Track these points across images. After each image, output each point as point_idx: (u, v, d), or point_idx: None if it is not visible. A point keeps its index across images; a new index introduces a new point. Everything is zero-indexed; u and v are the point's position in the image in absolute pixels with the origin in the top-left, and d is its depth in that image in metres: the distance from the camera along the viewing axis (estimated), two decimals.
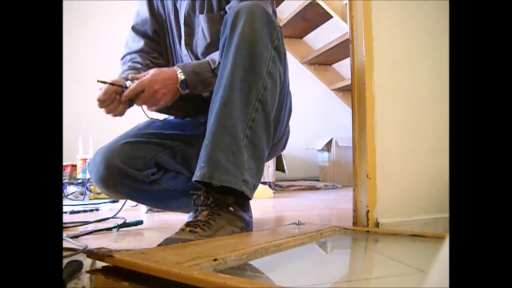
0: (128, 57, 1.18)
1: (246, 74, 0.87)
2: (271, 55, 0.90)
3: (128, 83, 0.97)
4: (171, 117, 1.20)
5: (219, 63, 0.95)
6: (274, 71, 0.90)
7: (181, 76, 0.96)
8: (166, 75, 0.96)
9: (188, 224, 0.82)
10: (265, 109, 0.89)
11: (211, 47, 1.08)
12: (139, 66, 1.13)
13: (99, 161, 1.03)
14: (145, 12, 1.19)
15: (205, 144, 0.86)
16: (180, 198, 1.10)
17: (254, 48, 0.87)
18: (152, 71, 0.97)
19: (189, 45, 1.11)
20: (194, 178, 0.85)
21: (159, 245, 0.77)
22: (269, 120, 0.91)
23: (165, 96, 0.97)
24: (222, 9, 1.08)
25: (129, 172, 1.03)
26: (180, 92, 0.98)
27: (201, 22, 1.08)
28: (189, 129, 1.14)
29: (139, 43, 1.18)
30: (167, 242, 0.76)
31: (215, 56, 1.02)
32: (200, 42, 1.10)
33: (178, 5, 1.13)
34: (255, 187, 0.90)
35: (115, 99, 0.97)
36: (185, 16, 1.10)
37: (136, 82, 0.96)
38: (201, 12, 1.09)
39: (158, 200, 1.16)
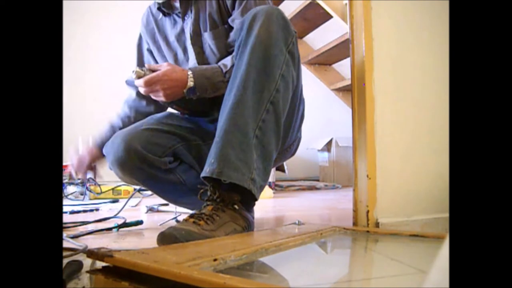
0: (124, 105, 1.31)
1: (259, 75, 0.88)
2: (285, 58, 0.91)
3: (136, 70, 1.00)
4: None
5: (231, 67, 0.96)
6: (287, 75, 0.91)
7: (191, 83, 1.00)
8: (175, 77, 0.99)
9: (192, 216, 0.82)
10: (276, 111, 0.90)
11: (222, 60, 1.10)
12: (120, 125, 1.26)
13: (119, 143, 1.04)
14: (134, 65, 1.27)
15: (216, 141, 0.87)
16: (189, 194, 1.11)
17: (269, 50, 0.88)
18: (163, 70, 0.99)
19: (200, 64, 1.12)
20: (203, 174, 0.86)
21: (162, 232, 0.77)
22: (280, 122, 0.92)
23: (167, 96, 1.01)
24: (225, 23, 1.10)
25: (148, 157, 1.04)
26: (186, 96, 1.02)
27: (207, 39, 1.10)
28: (206, 126, 1.15)
29: (131, 95, 1.29)
30: (170, 230, 0.77)
31: (226, 61, 1.04)
32: (211, 58, 1.12)
33: (185, 32, 1.14)
34: (261, 188, 0.90)
35: None
36: (191, 36, 1.12)
37: (147, 73, 1.01)
38: (205, 30, 1.10)
39: (168, 192, 1.16)
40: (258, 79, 0.88)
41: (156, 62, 1.23)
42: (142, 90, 1.01)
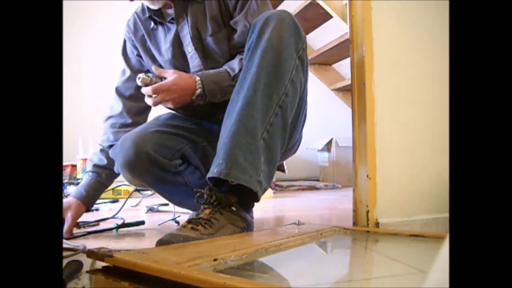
0: (109, 121, 1.21)
1: (269, 78, 0.88)
2: (295, 63, 0.91)
3: (142, 76, 0.99)
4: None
5: (239, 70, 0.96)
6: (296, 80, 0.92)
7: (198, 90, 0.99)
8: (184, 85, 0.98)
9: (189, 221, 0.82)
10: (284, 115, 0.90)
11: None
12: (104, 162, 1.15)
13: (129, 146, 1.02)
14: (127, 71, 1.21)
15: (224, 142, 0.86)
16: (194, 196, 1.11)
17: (280, 55, 0.89)
18: (172, 79, 0.98)
19: (206, 68, 1.11)
20: (209, 175, 0.85)
21: (160, 240, 0.77)
22: (287, 126, 0.92)
23: (176, 104, 1.01)
24: (226, 26, 1.09)
25: (159, 160, 1.03)
26: (194, 102, 1.01)
27: (210, 44, 1.09)
28: (210, 127, 1.15)
29: (119, 106, 1.20)
30: (168, 237, 0.77)
31: (233, 64, 1.03)
32: (216, 62, 1.11)
33: (181, 35, 1.12)
34: (265, 191, 0.90)
35: None
36: (192, 41, 1.10)
37: (154, 79, 0.99)
38: (207, 35, 1.09)
39: (175, 194, 1.16)
40: (268, 82, 0.88)
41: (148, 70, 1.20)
42: (149, 100, 0.99)
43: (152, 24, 1.15)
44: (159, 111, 1.21)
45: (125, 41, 1.22)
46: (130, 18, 1.21)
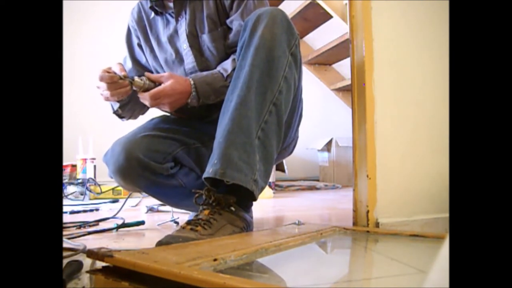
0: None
1: (263, 76, 0.88)
2: (288, 60, 0.91)
3: (136, 80, 0.99)
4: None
5: (232, 71, 0.97)
6: (289, 77, 0.92)
7: (193, 93, 1.01)
8: (180, 89, 1.00)
9: (189, 222, 0.82)
10: (279, 113, 0.90)
11: (222, 62, 1.09)
12: None
13: (119, 152, 1.03)
14: (128, 61, 1.23)
15: (219, 141, 0.86)
16: (190, 197, 1.11)
17: (273, 52, 0.88)
18: (169, 84, 0.99)
19: (200, 66, 1.11)
20: (205, 175, 0.86)
21: (159, 241, 0.77)
22: (281, 124, 0.92)
23: (173, 108, 1.02)
24: (222, 24, 1.09)
25: (150, 164, 1.03)
26: (188, 105, 1.02)
27: (206, 42, 1.10)
28: (203, 127, 1.15)
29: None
30: (168, 239, 0.77)
31: (226, 65, 1.04)
32: (210, 60, 1.11)
33: (179, 33, 1.13)
34: (262, 190, 0.90)
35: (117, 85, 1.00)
36: (187, 38, 1.10)
37: (146, 82, 1.00)
38: (203, 32, 1.09)
39: (170, 196, 1.16)
40: (261, 80, 0.88)
41: (147, 60, 1.21)
42: (147, 103, 1.01)
43: (153, 14, 1.16)
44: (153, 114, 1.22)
45: (129, 29, 1.23)
46: (135, 7, 1.22)
